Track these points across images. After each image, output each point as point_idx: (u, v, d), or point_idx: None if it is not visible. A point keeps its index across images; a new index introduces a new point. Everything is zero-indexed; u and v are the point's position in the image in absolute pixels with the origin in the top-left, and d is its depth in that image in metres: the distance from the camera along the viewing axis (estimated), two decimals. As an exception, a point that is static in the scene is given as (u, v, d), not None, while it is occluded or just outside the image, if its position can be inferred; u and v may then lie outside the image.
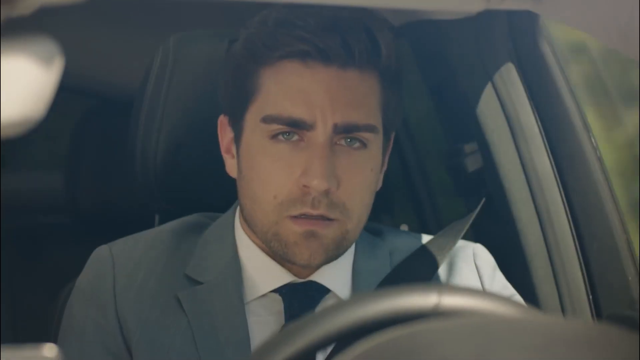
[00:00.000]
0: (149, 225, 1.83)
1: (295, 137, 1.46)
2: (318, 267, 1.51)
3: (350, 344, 0.96)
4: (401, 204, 2.50)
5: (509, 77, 1.81)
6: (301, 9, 1.45)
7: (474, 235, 1.68)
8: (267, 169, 1.46)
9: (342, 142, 1.46)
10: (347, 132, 1.45)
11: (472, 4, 1.45)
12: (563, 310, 1.76)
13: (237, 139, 1.52)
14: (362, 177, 1.47)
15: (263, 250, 1.54)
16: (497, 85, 1.82)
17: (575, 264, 1.76)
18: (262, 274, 1.53)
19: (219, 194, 1.76)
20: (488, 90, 1.82)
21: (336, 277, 1.54)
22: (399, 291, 1.03)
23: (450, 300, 1.02)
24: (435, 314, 1.01)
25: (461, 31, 1.81)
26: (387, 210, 2.34)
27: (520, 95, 1.81)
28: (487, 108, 1.82)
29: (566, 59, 1.81)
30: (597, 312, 1.75)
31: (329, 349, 1.43)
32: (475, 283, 1.59)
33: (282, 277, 1.52)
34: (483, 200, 1.74)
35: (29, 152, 3.16)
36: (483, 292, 1.05)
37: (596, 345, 0.92)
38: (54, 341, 1.62)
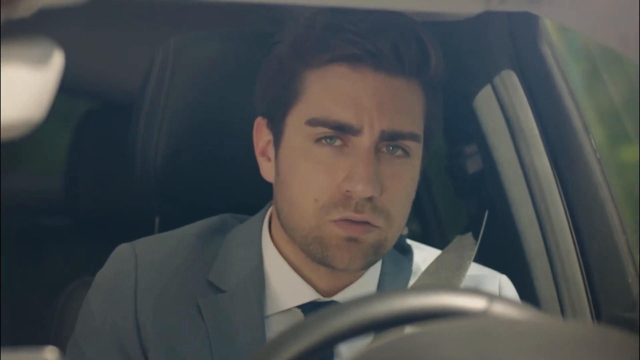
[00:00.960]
0: (149, 226, 1.83)
1: (339, 142, 1.44)
2: (356, 271, 1.49)
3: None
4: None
5: (509, 78, 1.81)
6: (347, 12, 1.44)
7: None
8: (309, 172, 1.45)
9: (385, 149, 1.45)
10: (392, 139, 1.44)
11: (471, 6, 1.45)
12: (563, 312, 1.76)
13: (277, 141, 1.50)
14: (403, 185, 1.46)
15: (290, 263, 1.52)
16: (497, 87, 1.81)
17: (575, 266, 1.76)
18: (287, 289, 1.51)
19: (219, 195, 1.76)
20: (488, 92, 1.82)
21: None
22: (451, 290, 1.04)
23: (500, 309, 1.02)
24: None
25: (461, 33, 1.82)
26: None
27: (520, 96, 1.81)
28: (487, 110, 1.81)
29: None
30: (597, 314, 1.75)
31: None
32: None
33: (306, 294, 1.51)
34: (487, 212, 1.73)
35: (30, 154, 3.16)
36: (530, 308, 1.05)
37: (596, 347, 0.92)
38: (56, 341, 1.62)
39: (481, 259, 1.65)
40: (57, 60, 0.91)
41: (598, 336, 0.95)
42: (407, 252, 1.61)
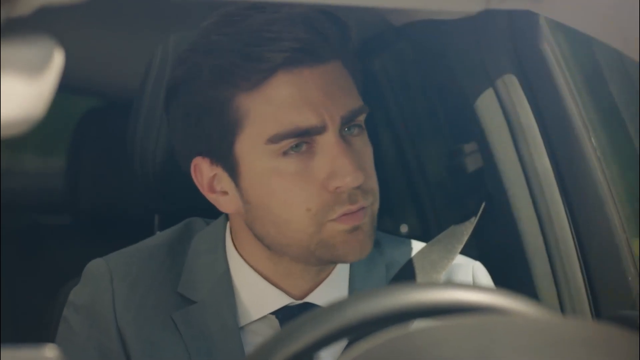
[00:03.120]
0: (149, 225, 1.83)
1: (304, 147, 1.44)
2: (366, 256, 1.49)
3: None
4: (401, 204, 2.50)
5: (509, 76, 1.81)
6: (244, 27, 1.43)
7: (474, 236, 1.68)
8: (288, 187, 1.44)
9: (345, 133, 1.46)
10: (351, 120, 1.45)
11: (472, 4, 1.45)
12: (563, 310, 1.76)
13: (233, 172, 1.47)
14: (370, 158, 1.48)
15: (259, 272, 1.52)
16: (497, 85, 1.81)
17: (575, 264, 1.76)
18: (258, 298, 1.52)
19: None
20: (488, 90, 1.82)
21: (332, 296, 1.52)
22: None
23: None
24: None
25: (461, 31, 1.81)
26: (387, 210, 2.34)
27: (520, 95, 1.81)
28: (487, 108, 1.81)
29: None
30: (597, 312, 1.75)
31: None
32: None
33: (278, 300, 1.51)
34: (483, 206, 1.73)
35: (29, 152, 3.16)
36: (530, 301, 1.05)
37: (596, 345, 0.92)
38: (53, 342, 1.61)
39: (481, 258, 1.65)
40: (57, 59, 0.91)
41: (598, 334, 0.95)
42: (377, 244, 1.59)
